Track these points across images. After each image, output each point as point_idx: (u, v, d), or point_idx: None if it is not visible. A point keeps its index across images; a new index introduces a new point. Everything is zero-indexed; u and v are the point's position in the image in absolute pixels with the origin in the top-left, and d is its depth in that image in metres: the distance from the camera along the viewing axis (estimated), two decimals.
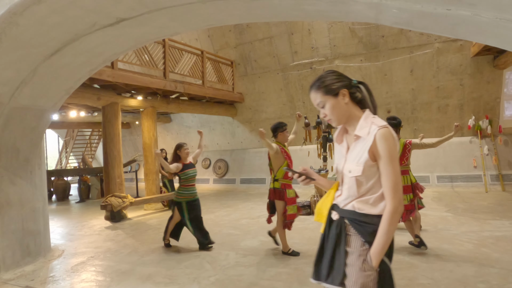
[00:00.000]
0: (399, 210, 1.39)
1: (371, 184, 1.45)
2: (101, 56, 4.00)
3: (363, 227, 1.46)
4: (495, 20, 2.01)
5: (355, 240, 1.48)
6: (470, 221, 5.42)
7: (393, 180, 1.39)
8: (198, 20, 3.32)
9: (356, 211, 1.48)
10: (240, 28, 10.10)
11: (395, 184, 1.39)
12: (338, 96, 1.51)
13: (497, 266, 3.52)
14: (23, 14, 2.79)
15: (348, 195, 1.51)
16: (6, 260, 4.04)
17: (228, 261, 4.15)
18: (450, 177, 8.80)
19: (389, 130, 1.41)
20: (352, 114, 1.54)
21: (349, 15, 2.85)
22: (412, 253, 4.05)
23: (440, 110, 8.94)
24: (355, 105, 1.55)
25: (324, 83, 1.53)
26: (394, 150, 1.40)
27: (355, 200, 1.48)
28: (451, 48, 8.30)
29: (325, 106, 1.54)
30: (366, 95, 1.56)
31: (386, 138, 1.40)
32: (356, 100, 1.55)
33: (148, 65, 7.77)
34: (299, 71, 9.91)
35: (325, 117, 1.56)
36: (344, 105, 1.52)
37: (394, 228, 1.42)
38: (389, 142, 1.40)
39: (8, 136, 4.10)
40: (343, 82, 1.53)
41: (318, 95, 1.54)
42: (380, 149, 1.40)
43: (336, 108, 1.52)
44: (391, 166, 1.39)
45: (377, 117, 1.50)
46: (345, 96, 1.52)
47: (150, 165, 8.44)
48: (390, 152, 1.39)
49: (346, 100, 1.52)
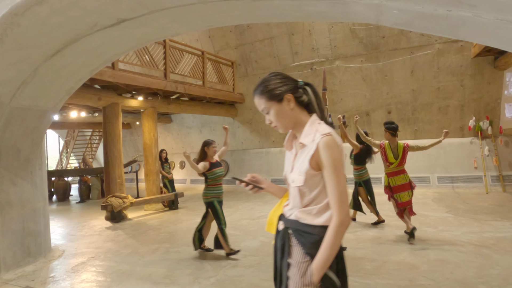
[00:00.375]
0: (345, 223, 1.30)
1: (315, 194, 1.37)
2: (102, 57, 4.01)
3: (304, 237, 1.37)
4: (496, 21, 2.01)
5: (296, 252, 1.39)
6: (471, 222, 5.41)
7: (338, 191, 1.30)
8: (198, 21, 3.32)
9: (299, 221, 1.40)
10: (241, 29, 10.11)
11: (341, 195, 1.30)
12: (283, 102, 1.41)
13: (498, 267, 3.52)
14: (24, 15, 2.79)
15: (293, 205, 1.44)
16: (7, 260, 4.04)
17: (229, 261, 4.14)
18: (450, 178, 8.79)
19: (332, 138, 1.33)
20: (299, 120, 1.45)
21: (349, 16, 2.86)
22: (412, 254, 4.04)
23: (440, 111, 8.93)
24: (302, 109, 1.46)
25: (268, 87, 1.43)
26: (339, 159, 1.32)
27: (298, 210, 1.40)
28: (451, 49, 8.30)
29: (270, 112, 1.44)
30: (312, 98, 1.46)
31: (329, 147, 1.31)
32: (303, 104, 1.46)
33: (149, 65, 7.78)
34: (300, 72, 9.91)
35: (271, 123, 1.47)
36: (289, 111, 1.42)
37: (339, 242, 1.33)
38: (333, 150, 1.31)
39: (9, 137, 4.10)
40: (288, 86, 1.43)
41: (262, 100, 1.45)
42: (323, 158, 1.32)
43: (281, 115, 1.43)
44: (336, 176, 1.31)
45: (323, 123, 1.41)
46: (290, 101, 1.42)
47: (150, 165, 8.44)
48: (334, 161, 1.31)
49: (291, 106, 1.42)
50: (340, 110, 9.55)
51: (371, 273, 3.54)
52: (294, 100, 1.43)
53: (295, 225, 1.41)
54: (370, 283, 3.30)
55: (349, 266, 3.86)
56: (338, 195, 1.31)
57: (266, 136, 11.32)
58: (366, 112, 9.62)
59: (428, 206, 6.88)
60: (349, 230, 5.32)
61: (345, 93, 9.58)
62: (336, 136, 1.35)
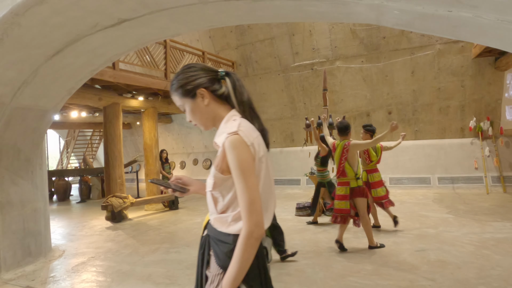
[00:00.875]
0: (254, 235, 1.13)
1: (229, 200, 1.23)
2: (103, 57, 4.01)
3: (219, 247, 1.24)
4: (497, 22, 2.01)
5: (213, 263, 1.27)
6: (471, 222, 5.41)
7: (247, 198, 1.14)
8: (199, 21, 3.32)
9: (216, 228, 1.27)
10: (241, 29, 10.11)
11: (250, 202, 1.14)
12: (197, 97, 1.28)
13: (498, 268, 3.51)
14: (25, 15, 2.79)
15: (210, 211, 1.32)
16: (7, 260, 4.04)
17: None
18: (451, 179, 8.78)
19: (239, 138, 1.16)
20: (218, 116, 1.31)
21: (350, 16, 2.86)
22: (412, 254, 4.04)
23: (441, 112, 8.93)
24: (223, 104, 1.32)
25: (180, 83, 1.30)
26: (246, 161, 1.15)
27: (214, 217, 1.28)
28: (452, 49, 8.30)
29: (186, 110, 1.32)
30: (231, 91, 1.30)
31: (234, 147, 1.16)
32: (223, 97, 1.32)
33: (149, 65, 7.78)
34: (300, 72, 9.91)
35: (191, 121, 1.35)
36: (204, 107, 1.29)
37: (250, 255, 1.16)
38: (238, 151, 1.15)
39: (10, 136, 4.11)
40: (201, 79, 1.29)
41: (176, 98, 1.32)
42: (229, 160, 1.17)
43: (196, 112, 1.31)
44: (243, 181, 1.15)
45: (238, 119, 1.25)
46: (204, 97, 1.28)
47: (151, 165, 8.44)
48: (241, 164, 1.15)
49: (206, 101, 1.29)
50: (341, 110, 9.55)
51: (371, 273, 3.54)
52: (208, 94, 1.29)
53: (213, 233, 1.29)
54: (370, 283, 3.30)
55: (349, 267, 3.86)
56: (247, 202, 1.14)
57: None
58: (366, 112, 9.61)
59: (428, 206, 6.88)
60: (347, 231, 5.31)
61: (345, 93, 9.58)
62: (247, 135, 1.19)
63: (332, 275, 3.54)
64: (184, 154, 13.44)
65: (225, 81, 1.32)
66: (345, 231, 4.41)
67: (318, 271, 3.67)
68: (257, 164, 1.20)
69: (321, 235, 5.22)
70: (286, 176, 10.19)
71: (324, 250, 4.39)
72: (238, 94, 1.31)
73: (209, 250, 1.30)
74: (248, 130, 1.22)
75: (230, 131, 1.19)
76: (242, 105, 1.31)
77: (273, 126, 10.96)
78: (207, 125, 1.35)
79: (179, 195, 1.47)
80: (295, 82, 10.10)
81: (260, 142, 1.25)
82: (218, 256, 1.24)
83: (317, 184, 6.13)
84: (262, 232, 1.17)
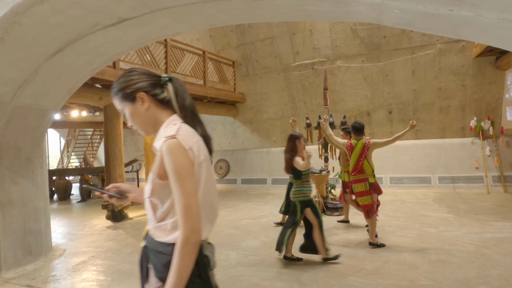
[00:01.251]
0: (191, 241, 1.12)
1: (168, 206, 1.21)
2: (103, 56, 4.01)
3: (157, 258, 1.22)
4: (498, 21, 2.00)
5: (152, 276, 1.24)
6: (472, 222, 5.40)
7: (183, 203, 1.13)
8: (200, 20, 3.32)
9: (154, 238, 1.24)
10: (242, 28, 10.10)
11: (187, 207, 1.13)
12: (136, 101, 1.27)
13: (499, 267, 3.51)
14: (25, 14, 2.79)
15: (149, 219, 1.28)
16: (8, 259, 4.05)
17: (229, 261, 4.14)
18: (451, 178, 8.78)
19: (176, 142, 1.15)
20: (158, 121, 1.29)
21: (351, 15, 2.85)
22: (413, 254, 4.04)
23: (442, 111, 8.92)
24: (165, 109, 1.31)
25: (119, 86, 1.29)
26: (183, 166, 1.14)
27: (153, 226, 1.25)
28: (453, 49, 8.28)
29: (126, 114, 1.31)
30: (172, 96, 1.30)
31: (171, 151, 1.14)
32: (164, 102, 1.31)
33: (150, 65, 7.78)
34: (301, 72, 9.90)
35: (131, 127, 1.34)
36: (144, 111, 1.28)
37: (188, 263, 1.14)
38: (175, 155, 1.14)
39: (10, 136, 4.11)
40: (142, 84, 1.28)
41: (117, 101, 1.32)
42: (166, 165, 1.16)
43: (135, 116, 1.29)
44: (180, 186, 1.14)
45: (178, 123, 1.24)
46: (144, 101, 1.27)
47: (151, 165, 8.41)
48: (177, 169, 1.13)
49: (145, 106, 1.27)
50: (341, 110, 9.55)
51: (371, 273, 3.54)
52: (148, 98, 1.28)
53: (151, 243, 1.26)
54: (370, 283, 3.30)
55: (350, 266, 3.86)
56: (183, 207, 1.13)
57: (267, 136, 11.31)
58: (367, 112, 9.60)
59: (429, 206, 6.87)
60: (348, 231, 5.31)
61: (346, 93, 9.57)
62: (185, 139, 1.18)
63: (332, 275, 3.54)
64: None
65: (167, 86, 1.31)
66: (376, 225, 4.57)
67: (319, 271, 3.67)
68: (196, 169, 1.19)
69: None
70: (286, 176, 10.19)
71: None
72: (180, 100, 1.30)
73: (147, 262, 1.27)
74: (187, 135, 1.20)
75: (168, 134, 1.18)
76: (184, 110, 1.30)
77: (274, 125, 10.96)
78: (148, 130, 1.33)
79: (116, 202, 1.45)
80: (296, 82, 10.10)
81: (200, 147, 1.23)
82: (157, 268, 1.21)
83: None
84: (199, 238, 1.15)
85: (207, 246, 1.30)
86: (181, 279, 1.12)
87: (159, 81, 1.31)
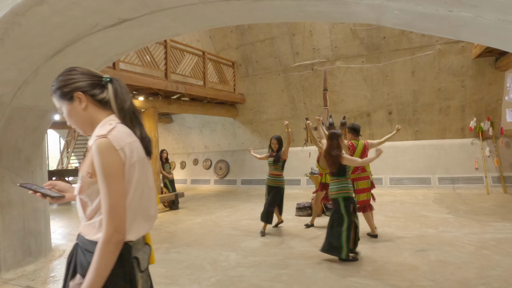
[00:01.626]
0: (113, 240, 1.13)
1: (97, 204, 1.21)
2: (103, 57, 4.01)
3: (85, 256, 1.22)
4: (497, 22, 2.00)
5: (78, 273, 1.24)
6: (472, 223, 5.40)
7: (108, 202, 1.15)
8: (199, 21, 3.32)
9: (84, 236, 1.25)
10: (242, 29, 10.11)
11: (112, 206, 1.14)
12: (74, 101, 1.28)
13: (499, 268, 3.51)
14: (25, 15, 2.79)
15: (80, 216, 1.29)
16: (7, 260, 4.04)
17: (229, 262, 4.14)
18: (451, 179, 8.78)
19: (106, 141, 1.17)
20: (95, 121, 1.30)
21: (350, 16, 2.86)
22: (413, 254, 4.04)
23: (441, 112, 8.92)
24: (103, 109, 1.32)
25: (58, 85, 1.29)
26: (112, 165, 1.16)
27: (84, 224, 1.26)
28: (452, 49, 8.29)
29: (64, 113, 1.32)
30: (111, 97, 1.31)
31: (100, 151, 1.15)
32: (103, 103, 1.32)
33: (150, 65, 7.78)
34: (301, 72, 9.91)
35: (70, 125, 1.35)
36: (81, 111, 1.29)
37: (108, 262, 1.14)
38: (103, 155, 1.15)
39: (10, 136, 4.11)
40: (79, 83, 1.28)
41: (55, 99, 1.31)
42: (95, 164, 1.17)
43: (72, 115, 1.30)
44: (106, 185, 1.15)
45: (114, 123, 1.25)
46: (82, 101, 1.28)
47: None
48: (105, 168, 1.15)
49: (83, 105, 1.28)
50: (341, 110, 9.55)
51: (371, 274, 3.54)
52: (86, 98, 1.29)
53: (81, 241, 1.26)
54: (370, 283, 3.30)
55: (349, 267, 3.86)
56: (108, 206, 1.15)
57: (267, 136, 11.31)
58: (367, 112, 9.61)
59: (428, 207, 6.87)
60: None
61: (346, 93, 9.58)
62: (117, 139, 1.19)
63: (332, 275, 3.54)
64: (184, 154, 13.44)
65: (108, 87, 1.32)
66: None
67: (318, 271, 3.67)
68: (128, 169, 1.20)
69: (322, 235, 5.22)
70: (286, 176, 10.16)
71: None
72: (119, 101, 1.31)
73: (76, 259, 1.27)
74: (120, 135, 1.21)
75: (99, 133, 1.20)
76: (122, 112, 1.31)
77: (273, 126, 10.96)
78: (85, 129, 1.33)
79: (52, 201, 1.44)
80: (296, 82, 10.10)
81: (135, 148, 1.23)
82: (82, 266, 1.22)
83: (276, 190, 5.43)
84: (122, 238, 1.16)
85: (141, 247, 1.30)
86: (99, 278, 1.13)
87: (100, 81, 1.32)
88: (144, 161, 1.29)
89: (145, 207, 1.29)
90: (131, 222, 1.22)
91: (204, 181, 12.46)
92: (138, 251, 1.27)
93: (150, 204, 1.32)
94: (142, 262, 1.27)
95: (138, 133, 1.31)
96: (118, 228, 1.15)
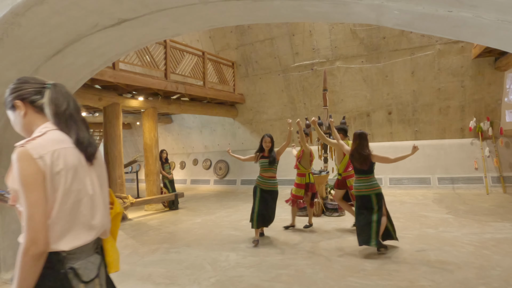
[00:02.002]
0: (30, 252, 1.11)
1: None
2: (103, 57, 4.01)
3: None
4: (497, 22, 2.01)
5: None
6: (471, 223, 5.41)
7: (26, 213, 1.13)
8: (199, 21, 3.32)
9: None
10: (241, 29, 10.11)
11: (29, 218, 1.12)
12: (16, 109, 1.31)
13: (498, 268, 3.51)
14: (25, 15, 2.79)
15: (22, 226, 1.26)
16: (7, 260, 4.04)
17: (229, 262, 4.14)
18: (451, 179, 8.79)
19: (23, 150, 1.16)
20: (34, 128, 1.31)
21: (350, 16, 2.86)
22: (412, 255, 4.04)
23: (441, 112, 8.93)
24: (42, 116, 1.32)
25: (5, 96, 1.34)
26: (28, 175, 1.13)
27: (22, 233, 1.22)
28: (452, 49, 8.30)
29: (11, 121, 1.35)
30: (46, 103, 1.31)
31: (17, 160, 1.15)
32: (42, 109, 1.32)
33: (150, 66, 7.78)
34: (300, 72, 9.91)
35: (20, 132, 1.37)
36: (21, 119, 1.31)
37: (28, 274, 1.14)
38: (20, 164, 1.14)
39: (10, 137, 4.10)
40: (19, 92, 1.30)
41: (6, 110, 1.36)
42: (14, 174, 1.16)
43: (16, 123, 1.34)
44: (24, 195, 1.13)
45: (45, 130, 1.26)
46: (20, 108, 1.30)
47: (151, 165, 8.44)
48: (22, 178, 1.13)
49: (21, 113, 1.31)
50: (341, 110, 9.56)
51: (371, 273, 3.54)
52: (24, 106, 1.30)
53: None
54: (370, 283, 3.30)
55: (349, 267, 3.86)
56: (26, 218, 1.13)
57: None
58: (366, 113, 9.61)
59: (428, 207, 6.88)
60: (348, 232, 5.31)
61: (345, 93, 9.58)
62: (36, 147, 1.17)
63: (332, 275, 3.54)
64: (184, 154, 13.44)
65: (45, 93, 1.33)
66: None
67: (318, 271, 3.68)
68: (50, 178, 1.17)
69: (322, 235, 5.22)
70: (286, 176, 10.17)
71: (324, 250, 4.39)
72: (54, 106, 1.30)
73: None
74: (43, 143, 1.19)
75: (19, 143, 1.19)
76: (57, 117, 1.30)
77: (273, 126, 10.96)
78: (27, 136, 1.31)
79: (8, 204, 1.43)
80: (295, 82, 10.10)
81: (61, 155, 1.21)
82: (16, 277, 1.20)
83: (273, 195, 5.32)
84: (41, 250, 1.12)
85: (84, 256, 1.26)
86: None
87: (43, 88, 1.33)
88: (76, 168, 1.25)
89: (84, 216, 1.25)
90: (63, 231, 1.19)
91: (203, 181, 12.46)
92: (77, 261, 1.23)
93: (93, 212, 1.28)
94: (83, 272, 1.23)
95: (74, 137, 1.28)
96: (35, 239, 1.12)
